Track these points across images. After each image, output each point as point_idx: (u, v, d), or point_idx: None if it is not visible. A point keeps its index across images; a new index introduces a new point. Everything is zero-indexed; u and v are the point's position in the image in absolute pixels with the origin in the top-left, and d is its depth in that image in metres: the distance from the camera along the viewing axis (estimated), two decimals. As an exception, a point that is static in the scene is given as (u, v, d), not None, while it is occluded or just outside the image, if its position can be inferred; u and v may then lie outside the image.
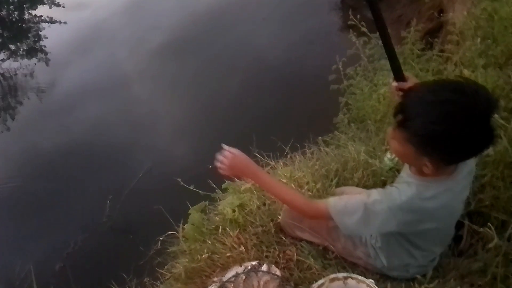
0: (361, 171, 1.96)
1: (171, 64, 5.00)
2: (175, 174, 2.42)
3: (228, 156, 1.35)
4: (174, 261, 1.77)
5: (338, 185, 1.94)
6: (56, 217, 3.62)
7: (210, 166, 2.35)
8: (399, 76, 1.35)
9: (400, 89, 1.32)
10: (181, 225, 1.79)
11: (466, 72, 1.93)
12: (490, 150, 1.62)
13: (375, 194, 1.24)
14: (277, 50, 3.90)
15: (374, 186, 1.91)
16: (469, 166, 1.25)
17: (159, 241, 1.81)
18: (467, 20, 2.30)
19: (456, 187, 1.21)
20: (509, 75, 1.85)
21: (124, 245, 2.64)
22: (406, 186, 1.20)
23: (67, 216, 3.64)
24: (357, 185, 1.93)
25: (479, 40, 2.02)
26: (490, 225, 1.41)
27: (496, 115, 1.63)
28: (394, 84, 1.35)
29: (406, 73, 1.37)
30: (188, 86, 4.32)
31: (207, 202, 1.90)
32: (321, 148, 2.26)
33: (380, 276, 1.50)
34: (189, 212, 1.82)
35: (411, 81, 1.34)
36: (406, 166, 1.29)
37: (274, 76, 3.62)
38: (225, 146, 1.38)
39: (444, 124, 1.02)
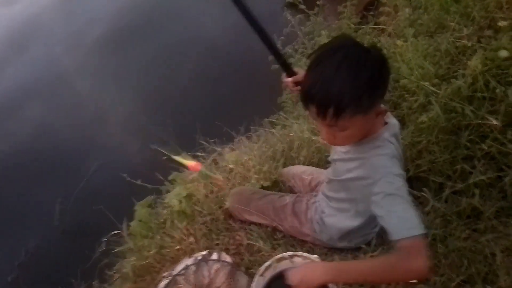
0: (306, 149, 1.97)
1: (113, 57, 4.78)
2: (123, 170, 2.32)
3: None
4: (122, 261, 1.71)
5: (285, 165, 1.95)
6: (5, 227, 3.42)
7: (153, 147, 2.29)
8: (289, 71, 1.37)
9: (295, 83, 1.34)
10: (124, 223, 1.72)
11: (399, 42, 1.97)
12: (423, 117, 1.68)
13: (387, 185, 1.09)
14: (220, 33, 3.82)
15: (319, 162, 1.93)
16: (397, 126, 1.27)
17: (103, 242, 1.74)
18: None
19: (394, 134, 1.22)
20: (438, 43, 1.91)
21: (75, 249, 2.53)
22: (376, 156, 1.16)
23: (17, 225, 3.44)
24: (304, 163, 1.95)
25: (407, 10, 2.06)
26: (426, 189, 1.46)
27: (427, 83, 1.69)
28: (288, 79, 1.37)
29: (296, 68, 1.39)
30: (131, 78, 4.15)
31: (153, 196, 1.85)
32: (267, 129, 2.25)
33: (328, 249, 1.52)
34: (135, 208, 1.76)
35: (301, 73, 1.35)
36: (337, 147, 1.30)
37: (217, 61, 3.55)
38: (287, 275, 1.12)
39: (364, 74, 1.03)
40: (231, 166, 1.89)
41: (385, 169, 1.11)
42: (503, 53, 1.70)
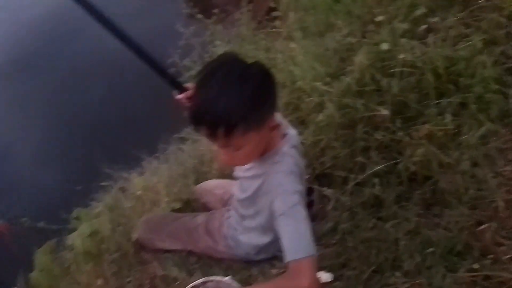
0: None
1: (13, 85, 4.36)
2: (27, 209, 2.11)
3: None
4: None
5: (197, 181, 1.88)
6: None
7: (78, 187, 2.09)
8: (178, 87, 1.32)
9: (188, 98, 1.29)
10: (21, 277, 1.54)
11: (292, 45, 2.01)
12: (320, 116, 1.72)
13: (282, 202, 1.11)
14: (121, 51, 3.65)
15: (232, 172, 1.90)
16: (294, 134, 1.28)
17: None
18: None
19: (294, 145, 1.23)
20: (327, 42, 1.97)
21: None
22: (275, 173, 1.15)
23: None
24: (217, 177, 1.90)
25: (292, 14, 2.11)
26: (327, 186, 1.49)
27: (319, 83, 1.74)
28: (179, 96, 1.31)
29: (186, 84, 1.35)
30: (33, 109, 3.81)
31: (54, 240, 1.68)
32: (177, 146, 2.18)
33: (246, 264, 1.49)
34: (33, 257, 1.58)
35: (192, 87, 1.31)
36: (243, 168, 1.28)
37: (119, 81, 3.39)
38: None
39: (247, 90, 1.02)
40: (139, 192, 1.79)
41: (281, 187, 1.11)
42: (384, 46, 1.81)
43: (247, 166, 1.29)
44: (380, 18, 1.91)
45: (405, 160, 1.55)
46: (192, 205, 1.75)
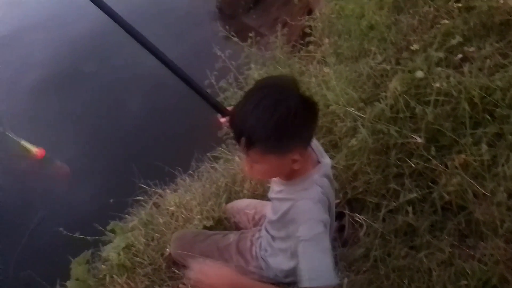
0: (248, 182, 1.97)
1: (49, 103, 4.58)
2: (63, 221, 2.20)
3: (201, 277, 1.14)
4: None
5: (229, 200, 1.92)
6: None
7: (111, 200, 2.19)
8: (221, 110, 1.38)
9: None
10: (57, 285, 1.61)
11: (325, 69, 2.05)
12: (353, 141, 1.73)
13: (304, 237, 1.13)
14: (156, 71, 3.80)
15: (264, 193, 1.92)
16: (323, 152, 1.31)
17: (35, 311, 1.61)
18: (322, 19, 2.46)
19: (326, 174, 1.25)
20: (361, 68, 2.00)
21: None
22: (301, 199, 1.18)
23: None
24: (248, 196, 1.93)
25: (326, 40, 2.16)
26: (358, 213, 1.50)
27: (352, 108, 1.76)
28: (223, 119, 1.39)
29: (228, 106, 1.40)
30: (69, 123, 3.99)
31: (90, 251, 1.74)
32: (210, 165, 2.23)
33: (275, 285, 1.50)
34: (70, 266, 1.65)
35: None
36: (274, 185, 1.31)
37: (155, 100, 3.52)
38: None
39: (277, 113, 1.05)
40: (172, 208, 1.84)
41: (307, 214, 1.14)
42: (419, 74, 1.82)
43: (277, 188, 1.32)
44: (415, 46, 1.92)
45: (439, 189, 1.54)
46: (223, 223, 1.78)
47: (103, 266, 1.67)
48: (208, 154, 2.33)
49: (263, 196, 1.92)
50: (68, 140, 3.79)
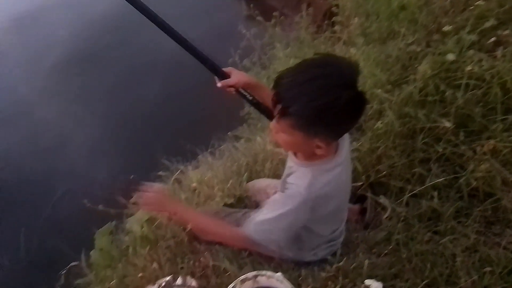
0: (270, 162, 1.97)
1: (73, 81, 4.63)
2: (86, 196, 2.25)
3: (147, 192, 1.37)
4: (82, 294, 1.64)
5: (250, 179, 1.93)
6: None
7: (132, 176, 2.24)
8: (220, 74, 1.33)
9: (229, 86, 1.34)
10: (83, 254, 1.65)
11: (352, 50, 2.00)
12: (378, 123, 1.71)
13: (277, 201, 1.24)
14: (177, 50, 3.80)
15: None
16: (346, 139, 1.28)
17: (62, 276, 1.66)
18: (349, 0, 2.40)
19: (344, 161, 1.23)
20: (389, 49, 1.95)
21: (35, 283, 2.41)
22: (300, 178, 1.19)
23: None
24: (268, 176, 1.93)
25: (356, 19, 2.10)
26: (383, 195, 1.48)
27: (379, 90, 1.72)
28: (220, 84, 1.34)
29: (226, 68, 1.36)
30: (93, 101, 4.05)
31: (114, 222, 1.78)
32: (231, 144, 2.24)
33: (294, 264, 1.51)
34: (94, 236, 1.69)
35: (235, 73, 1.36)
36: (291, 154, 1.30)
37: (176, 79, 3.52)
38: (145, 183, 1.39)
39: (324, 98, 1.01)
40: (194, 185, 1.85)
41: (292, 198, 1.19)
42: (450, 57, 1.77)
43: (289, 164, 1.30)
44: (447, 28, 1.86)
45: (467, 174, 1.50)
46: (244, 202, 1.79)
47: (126, 238, 1.71)
48: (229, 133, 2.34)
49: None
50: (90, 118, 3.85)
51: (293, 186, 1.20)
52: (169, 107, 3.28)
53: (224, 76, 1.33)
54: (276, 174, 1.93)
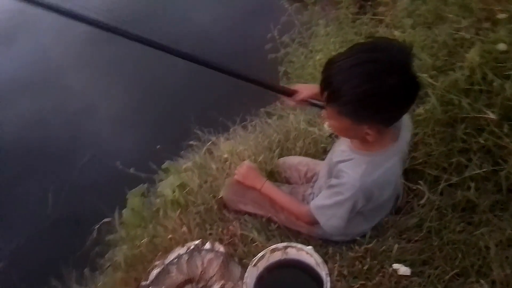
0: (302, 140, 1.96)
1: (104, 48, 4.67)
2: (116, 159, 2.31)
3: (243, 167, 1.59)
4: (113, 250, 1.69)
5: (281, 155, 1.93)
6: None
7: (158, 147, 2.28)
8: (288, 93, 1.38)
9: (301, 101, 1.36)
10: (116, 212, 1.70)
11: (396, 33, 1.95)
12: (420, 109, 1.67)
13: (333, 188, 1.24)
14: (216, 24, 3.77)
15: (316, 153, 1.92)
16: (407, 126, 1.25)
17: (95, 230, 1.72)
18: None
19: (399, 152, 1.22)
20: (436, 34, 1.89)
21: (67, 238, 2.51)
22: (354, 167, 1.18)
23: (9, 214, 3.40)
24: (300, 154, 1.93)
25: (405, 0, 2.03)
26: (422, 182, 1.46)
27: (425, 75, 1.68)
28: (291, 102, 1.39)
29: (293, 86, 1.41)
30: (124, 69, 4.07)
31: (146, 185, 1.82)
32: (264, 120, 2.23)
33: (322, 241, 1.51)
34: (127, 197, 1.73)
35: (302, 88, 1.38)
36: (340, 146, 1.29)
37: (211, 51, 3.49)
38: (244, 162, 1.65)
39: (369, 84, 0.99)
40: (225, 156, 1.87)
41: (349, 185, 1.18)
42: (501, 46, 1.69)
43: (342, 148, 1.29)
44: (501, 16, 1.78)
45: (508, 168, 1.46)
46: (275, 176, 1.79)
47: (157, 201, 1.75)
48: (262, 109, 2.33)
49: (314, 155, 1.91)
50: (121, 87, 3.90)
51: (347, 175, 1.19)
52: (201, 79, 3.28)
53: (293, 94, 1.37)
54: (308, 153, 1.93)
